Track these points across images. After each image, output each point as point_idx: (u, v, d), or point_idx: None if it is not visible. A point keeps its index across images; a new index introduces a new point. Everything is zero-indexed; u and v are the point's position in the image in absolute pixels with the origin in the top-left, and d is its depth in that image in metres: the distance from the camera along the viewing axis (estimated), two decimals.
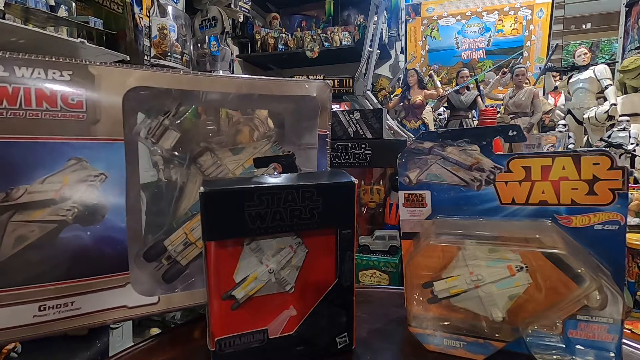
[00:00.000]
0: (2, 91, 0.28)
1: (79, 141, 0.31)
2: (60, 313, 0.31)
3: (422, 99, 2.90)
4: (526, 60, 3.50)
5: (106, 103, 0.32)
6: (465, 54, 3.75)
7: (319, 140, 0.44)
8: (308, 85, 0.41)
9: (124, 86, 0.33)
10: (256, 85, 0.38)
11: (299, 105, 0.42)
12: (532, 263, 0.33)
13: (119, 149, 0.33)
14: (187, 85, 0.35)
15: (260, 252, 0.32)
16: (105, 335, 1.24)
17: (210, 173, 0.39)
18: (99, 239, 0.32)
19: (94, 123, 0.31)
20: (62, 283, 0.31)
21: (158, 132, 0.37)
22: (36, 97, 0.29)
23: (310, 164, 0.44)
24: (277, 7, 3.78)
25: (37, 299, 0.31)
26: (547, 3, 3.44)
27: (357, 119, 0.95)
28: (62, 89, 0.30)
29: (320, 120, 0.43)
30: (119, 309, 0.34)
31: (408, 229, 0.39)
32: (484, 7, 3.65)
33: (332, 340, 0.35)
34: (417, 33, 3.87)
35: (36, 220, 0.30)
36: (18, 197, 0.29)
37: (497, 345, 0.34)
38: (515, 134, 0.36)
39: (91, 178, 0.32)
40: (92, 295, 0.33)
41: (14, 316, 0.30)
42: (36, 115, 0.29)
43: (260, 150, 0.42)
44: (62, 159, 0.31)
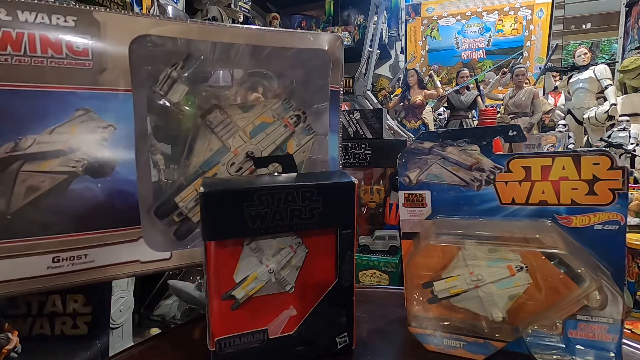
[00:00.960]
0: (6, 36, 0.28)
1: (85, 91, 0.31)
2: (73, 265, 0.32)
3: (422, 99, 2.90)
4: (526, 60, 3.50)
5: (112, 51, 0.31)
6: (465, 54, 3.75)
7: (331, 96, 0.42)
8: (319, 38, 0.40)
9: (131, 34, 0.32)
10: (266, 36, 0.37)
11: (310, 59, 0.41)
12: (532, 263, 0.33)
13: (127, 100, 0.32)
14: (195, 34, 0.34)
15: (260, 252, 0.32)
16: (105, 335, 1.24)
17: (220, 130, 0.38)
18: (109, 191, 0.32)
19: (101, 72, 0.31)
20: (74, 235, 0.31)
21: (166, 85, 0.36)
22: (41, 43, 0.29)
23: (322, 123, 0.43)
24: (277, 7, 3.78)
25: (50, 250, 0.31)
26: (547, 3, 3.44)
27: (357, 119, 0.95)
28: (67, 35, 0.30)
29: (332, 75, 0.42)
30: (132, 263, 0.34)
31: (408, 229, 0.39)
32: (484, 7, 3.65)
33: (332, 340, 0.35)
34: (417, 33, 3.87)
35: (46, 170, 0.30)
36: (27, 147, 0.29)
37: (497, 345, 0.34)
38: (515, 134, 0.36)
39: (100, 129, 0.32)
40: (105, 248, 0.33)
41: (28, 267, 0.30)
42: (41, 62, 0.29)
43: (271, 107, 0.40)
44: (69, 109, 0.30)
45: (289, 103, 0.41)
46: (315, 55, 0.41)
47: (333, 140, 0.43)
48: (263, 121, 0.40)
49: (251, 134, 0.40)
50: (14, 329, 1.18)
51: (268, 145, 0.40)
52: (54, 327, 1.32)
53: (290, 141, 0.41)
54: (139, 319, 1.68)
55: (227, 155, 0.39)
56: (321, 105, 0.42)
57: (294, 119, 0.41)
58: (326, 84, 0.42)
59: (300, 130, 0.42)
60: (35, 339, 1.30)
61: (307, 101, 0.42)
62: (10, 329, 1.15)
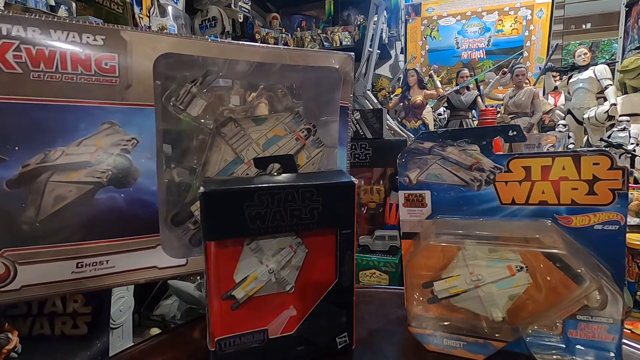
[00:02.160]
0: (40, 54, 0.29)
1: (112, 106, 0.32)
2: (96, 270, 0.33)
3: (422, 99, 2.90)
4: (526, 60, 3.50)
5: (138, 68, 0.33)
6: (465, 54, 3.75)
7: (341, 112, 0.44)
8: (331, 56, 0.42)
9: (155, 52, 0.33)
10: (282, 54, 0.39)
11: (321, 77, 0.43)
12: (532, 263, 0.33)
13: (149, 115, 0.34)
14: (216, 53, 0.36)
15: (260, 252, 0.32)
16: (105, 335, 1.24)
17: (235, 142, 0.40)
18: (131, 201, 0.34)
19: (126, 88, 0.32)
20: (97, 242, 0.33)
21: (186, 100, 0.38)
22: (71, 61, 0.30)
23: (331, 136, 0.44)
24: (277, 7, 3.78)
25: (74, 256, 0.32)
26: (547, 3, 3.44)
27: (357, 119, 0.95)
28: (96, 54, 0.31)
29: (342, 92, 0.43)
30: (150, 269, 0.35)
31: (408, 229, 0.39)
32: (484, 7, 3.65)
33: (332, 340, 0.35)
34: (417, 33, 3.87)
35: (73, 181, 0.32)
36: (56, 158, 0.31)
37: (497, 345, 0.34)
38: (515, 134, 0.36)
39: (124, 142, 0.33)
40: (125, 254, 0.34)
41: (53, 271, 0.31)
42: (71, 78, 0.31)
43: (283, 121, 0.42)
44: (96, 122, 0.32)
45: (300, 117, 0.43)
46: (326, 73, 0.42)
47: (342, 153, 0.45)
48: (275, 134, 0.41)
49: (264, 146, 0.41)
50: (14, 329, 1.17)
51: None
52: (54, 327, 1.32)
53: (300, 153, 0.43)
54: (139, 319, 1.68)
55: (241, 166, 0.40)
56: (331, 119, 0.44)
57: (305, 132, 0.43)
58: (336, 100, 0.44)
59: (311, 143, 0.44)
60: (35, 339, 1.30)
61: (317, 115, 0.44)
62: (10, 329, 1.15)
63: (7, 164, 0.29)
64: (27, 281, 0.31)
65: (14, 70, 0.29)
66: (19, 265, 0.30)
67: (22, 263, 0.31)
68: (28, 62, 0.29)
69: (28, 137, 0.30)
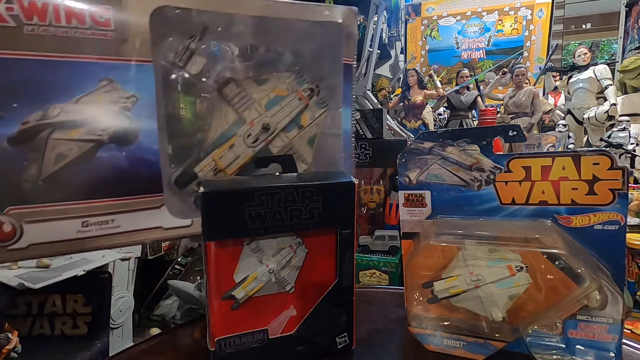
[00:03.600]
0: (32, 6, 0.28)
1: (108, 61, 0.32)
2: (101, 230, 0.33)
3: (422, 99, 2.90)
4: (526, 60, 3.50)
5: (133, 22, 0.32)
6: (465, 54, 3.75)
7: (345, 69, 0.43)
8: (333, 11, 0.41)
9: (151, 4, 0.33)
10: (281, 8, 0.38)
11: (324, 33, 0.41)
12: (532, 263, 0.33)
13: (148, 71, 0.33)
14: (213, 5, 0.35)
15: (260, 252, 0.32)
16: (105, 335, 1.24)
17: (236, 103, 0.39)
18: (133, 159, 0.34)
19: (123, 42, 0.32)
20: (102, 201, 0.33)
21: (185, 57, 0.37)
22: (65, 14, 0.30)
23: (335, 97, 0.43)
24: None
25: (80, 215, 0.32)
26: (547, 3, 3.44)
27: (357, 119, 0.95)
28: (90, 6, 0.30)
29: (345, 49, 0.42)
30: (155, 229, 0.35)
31: (408, 229, 0.40)
32: (484, 7, 3.65)
33: (332, 340, 0.35)
34: (417, 33, 3.87)
35: (74, 138, 0.31)
36: (55, 115, 0.30)
37: (497, 345, 0.34)
38: (515, 134, 0.36)
39: (123, 100, 0.33)
40: (130, 214, 0.34)
41: (59, 230, 0.32)
42: (66, 32, 0.30)
43: (285, 81, 0.41)
44: (93, 79, 0.31)
45: (302, 76, 0.42)
46: (328, 29, 0.41)
47: (346, 113, 0.44)
48: (277, 94, 0.41)
49: (266, 106, 0.40)
50: (14, 329, 1.17)
51: (283, 117, 0.41)
52: (54, 327, 1.32)
53: (304, 114, 0.42)
54: (139, 319, 1.68)
55: (244, 127, 0.39)
56: (335, 78, 0.43)
57: (308, 92, 0.42)
58: (340, 58, 0.42)
59: (314, 104, 0.42)
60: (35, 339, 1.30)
61: (320, 74, 0.42)
62: (10, 329, 1.15)
63: (6, 121, 0.29)
64: (34, 240, 0.31)
65: (6, 23, 0.28)
66: (25, 224, 0.30)
67: (28, 222, 0.31)
68: (21, 15, 0.28)
69: (25, 93, 0.29)
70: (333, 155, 0.45)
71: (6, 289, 1.09)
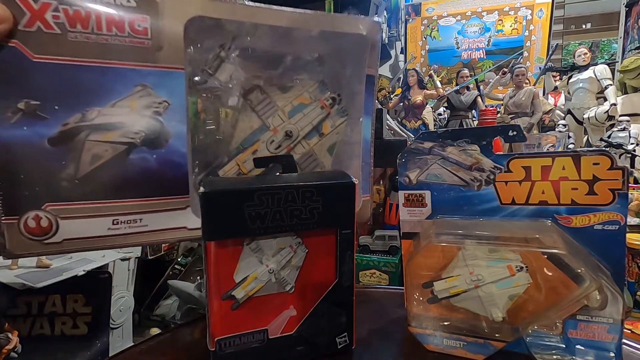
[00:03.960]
0: (76, 14, 0.30)
1: (144, 68, 0.33)
2: (130, 228, 0.34)
3: (422, 99, 2.90)
4: (526, 60, 3.50)
5: (169, 31, 0.34)
6: (465, 54, 3.75)
7: (367, 81, 0.44)
8: (358, 22, 0.42)
9: (186, 14, 0.34)
10: (307, 19, 0.39)
11: (348, 44, 0.42)
12: (532, 263, 0.33)
13: (180, 78, 0.35)
14: (243, 16, 0.37)
15: (260, 252, 0.32)
16: (105, 335, 1.24)
17: (260, 109, 0.41)
18: (163, 162, 0.35)
19: (158, 50, 0.33)
20: (131, 201, 0.34)
21: (215, 64, 0.38)
22: (106, 22, 0.31)
23: (356, 107, 0.44)
24: None
25: (111, 213, 0.34)
26: (547, 3, 3.44)
27: None
28: (129, 15, 0.32)
29: (369, 60, 0.43)
30: (180, 229, 0.36)
31: (408, 229, 0.40)
32: (484, 7, 3.65)
33: (332, 340, 0.35)
34: (417, 33, 3.87)
35: (109, 141, 0.33)
36: (92, 118, 0.32)
37: (497, 345, 0.34)
38: (515, 134, 0.36)
39: (155, 104, 0.34)
40: (157, 214, 0.35)
41: (92, 227, 0.33)
42: (106, 40, 0.32)
43: (308, 90, 0.42)
44: (129, 84, 0.33)
45: (325, 85, 0.43)
46: (353, 40, 0.42)
47: (367, 123, 0.45)
48: (301, 102, 0.42)
49: (289, 114, 0.41)
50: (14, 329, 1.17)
51: (305, 125, 0.42)
52: (54, 327, 1.32)
53: (325, 122, 0.43)
54: (139, 319, 1.68)
55: (267, 133, 0.41)
56: (357, 88, 0.44)
57: (330, 101, 0.43)
58: (363, 68, 0.43)
59: (335, 112, 0.43)
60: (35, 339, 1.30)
61: (342, 84, 0.43)
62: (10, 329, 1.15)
63: (48, 122, 0.31)
64: (68, 235, 0.33)
65: (52, 30, 0.30)
66: (61, 219, 0.32)
67: (64, 217, 0.32)
68: (66, 23, 0.30)
69: (66, 97, 0.31)
70: (352, 163, 0.45)
71: (6, 289, 1.09)
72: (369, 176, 0.47)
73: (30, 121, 0.30)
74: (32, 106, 0.30)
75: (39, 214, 0.31)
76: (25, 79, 0.30)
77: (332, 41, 0.42)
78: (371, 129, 0.46)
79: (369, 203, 0.47)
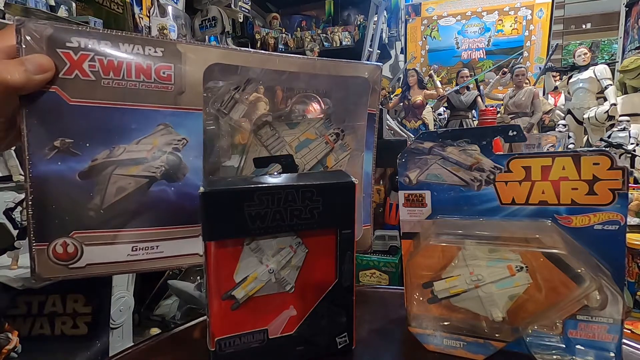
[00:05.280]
0: (110, 64, 0.33)
1: (166, 109, 0.36)
2: (147, 254, 0.37)
3: (422, 99, 2.90)
4: (526, 60, 3.50)
5: (190, 77, 0.37)
6: (465, 54, 3.75)
7: (369, 118, 0.47)
8: (361, 67, 0.46)
9: (205, 62, 0.37)
10: (316, 65, 0.43)
11: (351, 85, 0.46)
12: (532, 263, 0.33)
13: (198, 118, 0.38)
14: (257, 63, 0.40)
15: (260, 252, 0.32)
16: (105, 335, 1.24)
17: (270, 144, 0.44)
18: (180, 194, 0.38)
19: (180, 94, 0.36)
20: (150, 229, 0.37)
21: (229, 105, 0.42)
22: (135, 70, 0.34)
23: (359, 142, 0.47)
24: (277, 7, 3.77)
25: (131, 240, 0.36)
26: (547, 3, 3.44)
27: None
28: (156, 63, 0.35)
29: (370, 100, 0.47)
30: (193, 255, 0.39)
31: (408, 229, 0.40)
32: (484, 7, 3.65)
33: (332, 340, 0.35)
34: (417, 33, 3.87)
35: (132, 174, 0.36)
36: (119, 154, 0.35)
37: (497, 345, 0.34)
38: (515, 134, 0.36)
39: (175, 142, 0.37)
40: (172, 241, 0.38)
41: (113, 253, 0.36)
42: (135, 85, 0.35)
43: (314, 125, 0.46)
44: (153, 124, 0.36)
45: (329, 122, 0.46)
46: (356, 82, 0.46)
47: (368, 157, 0.48)
48: (307, 137, 0.45)
49: (296, 148, 0.45)
50: (14, 329, 1.18)
51: (311, 159, 0.45)
52: (54, 327, 1.33)
53: (329, 156, 0.46)
54: (139, 319, 1.68)
55: (275, 166, 0.43)
56: (359, 125, 0.47)
57: (334, 137, 0.46)
58: (365, 107, 0.47)
59: (339, 147, 0.47)
60: (35, 339, 1.31)
61: (346, 121, 0.47)
62: (10, 329, 1.15)
63: (80, 158, 0.34)
64: (91, 260, 0.35)
65: (88, 78, 0.33)
66: (85, 246, 0.35)
67: (88, 244, 0.35)
68: (100, 71, 0.33)
69: (96, 135, 0.34)
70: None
71: (6, 289, 1.09)
72: (370, 206, 0.50)
73: (64, 157, 0.33)
74: (67, 144, 0.33)
75: (67, 240, 0.34)
76: (62, 120, 0.33)
77: (337, 83, 0.45)
78: (372, 162, 0.49)
79: (369, 232, 0.49)
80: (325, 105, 0.46)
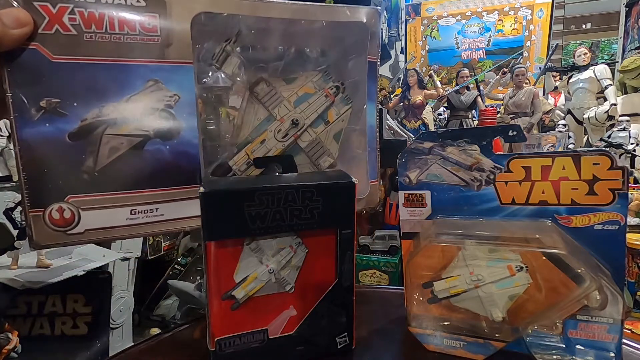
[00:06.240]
0: (91, 16, 0.32)
1: (155, 64, 0.35)
2: (147, 218, 0.36)
3: (422, 99, 2.90)
4: (526, 60, 3.50)
5: (177, 27, 0.35)
6: (465, 54, 3.75)
7: (369, 67, 0.45)
8: (357, 11, 0.43)
9: (192, 11, 0.36)
10: (309, 11, 0.41)
11: (349, 33, 0.44)
12: (532, 263, 0.33)
13: (189, 72, 0.36)
14: (248, 10, 0.38)
15: (260, 252, 0.32)
16: (105, 335, 1.24)
17: (267, 100, 0.42)
18: (176, 153, 0.36)
19: (167, 46, 0.35)
20: (148, 191, 0.36)
21: (221, 58, 0.40)
22: (118, 22, 0.33)
23: (360, 94, 0.45)
24: None
25: (129, 203, 0.35)
26: (547, 3, 3.44)
27: None
28: (140, 14, 0.34)
29: (370, 47, 0.45)
30: (195, 218, 0.37)
31: (408, 229, 0.40)
32: (484, 7, 3.65)
33: (332, 340, 0.35)
34: (417, 33, 3.87)
35: (124, 134, 0.35)
36: (108, 113, 0.34)
37: (497, 345, 0.34)
38: (515, 134, 0.36)
39: (167, 98, 0.36)
40: (172, 204, 0.37)
41: (111, 217, 0.35)
42: (119, 39, 0.33)
43: (312, 79, 0.44)
44: (142, 80, 0.35)
45: (328, 75, 0.44)
46: (353, 29, 0.43)
47: (371, 109, 0.46)
48: (305, 92, 0.43)
49: (295, 103, 0.43)
50: (14, 329, 1.18)
51: (311, 113, 0.43)
52: (54, 327, 1.33)
53: (330, 110, 0.44)
54: (139, 319, 1.68)
55: (274, 123, 0.42)
56: (359, 75, 0.45)
57: (334, 90, 0.44)
58: (364, 56, 0.44)
59: (340, 100, 0.45)
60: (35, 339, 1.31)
61: (345, 72, 0.45)
62: (10, 329, 1.15)
63: (68, 119, 0.33)
64: (90, 225, 0.34)
65: (70, 32, 0.32)
66: (82, 211, 0.34)
67: (85, 209, 0.34)
68: (81, 24, 0.32)
69: (84, 94, 0.33)
70: (358, 149, 0.47)
71: (6, 289, 1.09)
72: (376, 161, 0.48)
73: (51, 118, 0.32)
74: (53, 104, 0.32)
75: (62, 205, 0.33)
76: (46, 79, 0.31)
77: (333, 31, 0.43)
78: (376, 114, 0.47)
79: (376, 188, 0.48)
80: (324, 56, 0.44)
